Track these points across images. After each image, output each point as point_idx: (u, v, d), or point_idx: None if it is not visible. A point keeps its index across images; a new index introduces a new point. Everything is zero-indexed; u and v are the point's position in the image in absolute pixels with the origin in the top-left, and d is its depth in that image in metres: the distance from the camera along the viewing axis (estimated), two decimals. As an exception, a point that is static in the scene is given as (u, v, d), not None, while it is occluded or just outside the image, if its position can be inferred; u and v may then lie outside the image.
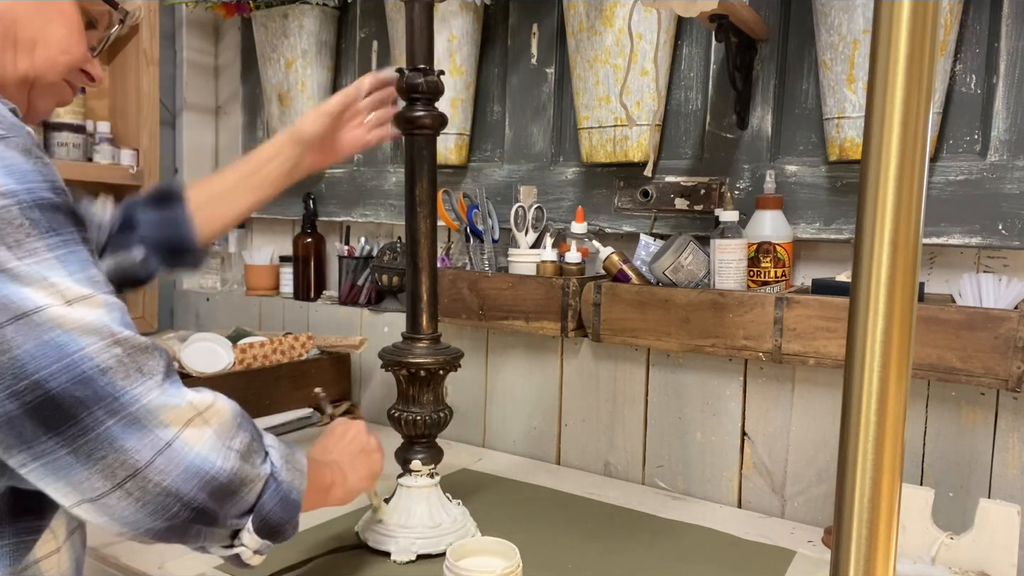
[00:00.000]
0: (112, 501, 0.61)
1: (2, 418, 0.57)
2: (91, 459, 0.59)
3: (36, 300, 0.58)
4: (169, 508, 0.63)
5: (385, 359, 1.14)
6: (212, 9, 1.93)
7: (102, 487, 0.60)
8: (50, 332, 0.58)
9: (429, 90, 1.09)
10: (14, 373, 0.57)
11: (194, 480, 0.64)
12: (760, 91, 1.38)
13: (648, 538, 1.21)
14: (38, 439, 0.58)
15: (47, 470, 0.59)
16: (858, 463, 0.45)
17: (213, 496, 0.65)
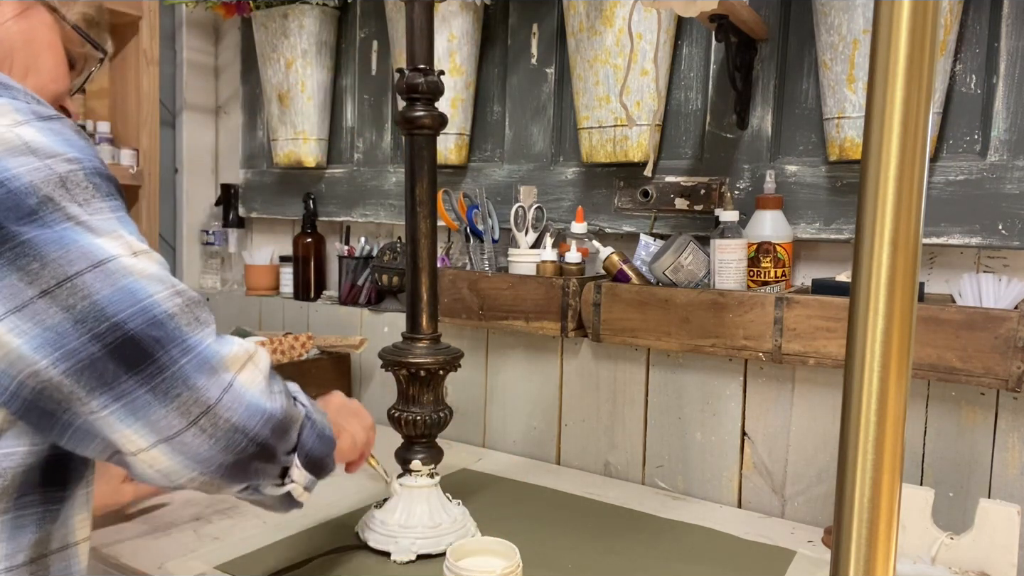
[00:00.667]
0: (188, 438, 0.66)
1: (86, 360, 0.62)
2: (168, 396, 0.64)
3: (109, 250, 0.64)
4: (238, 443, 0.68)
5: (385, 359, 1.14)
6: (212, 9, 1.93)
7: (179, 424, 0.65)
8: (124, 279, 0.63)
9: (429, 90, 1.09)
10: (95, 316, 0.62)
11: (256, 417, 0.70)
12: (760, 91, 1.38)
13: (648, 538, 1.21)
14: (119, 379, 0.63)
15: (127, 410, 0.63)
16: (858, 463, 0.45)
17: (273, 432, 0.72)
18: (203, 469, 0.68)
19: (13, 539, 0.69)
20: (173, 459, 0.66)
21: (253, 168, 2.15)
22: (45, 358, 0.61)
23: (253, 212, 2.15)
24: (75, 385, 0.62)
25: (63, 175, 0.64)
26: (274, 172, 2.09)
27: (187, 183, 2.21)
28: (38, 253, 0.61)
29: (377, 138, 1.91)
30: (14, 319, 0.61)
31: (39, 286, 0.61)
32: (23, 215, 0.61)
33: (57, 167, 0.64)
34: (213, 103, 2.26)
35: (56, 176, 0.63)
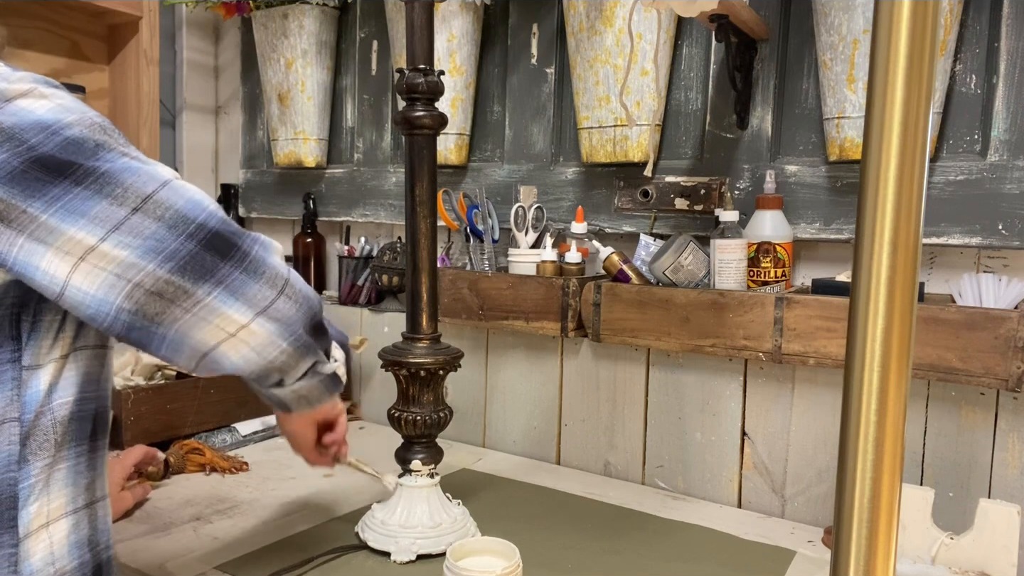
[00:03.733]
0: (280, 304, 0.77)
1: (187, 256, 0.71)
2: (257, 274, 0.75)
3: (164, 173, 0.74)
4: (312, 306, 0.81)
5: (385, 359, 1.14)
6: (212, 9, 1.93)
7: (271, 294, 0.76)
8: (188, 191, 0.74)
9: (429, 90, 1.09)
10: (183, 220, 0.71)
11: (311, 293, 0.81)
12: (760, 91, 1.38)
13: (648, 538, 1.21)
14: (217, 266, 0.73)
15: (228, 292, 0.73)
16: (858, 463, 0.45)
17: (319, 304, 0.83)
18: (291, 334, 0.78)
19: (76, 484, 0.78)
20: (269, 328, 0.76)
21: (253, 168, 2.15)
22: (151, 262, 0.70)
23: (253, 212, 2.15)
24: (182, 279, 0.71)
25: (100, 124, 0.72)
26: (274, 172, 2.09)
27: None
28: (118, 180, 0.70)
29: (377, 138, 1.91)
30: (117, 236, 0.69)
31: (129, 205, 0.70)
32: (89, 155, 0.69)
33: (94, 119, 0.72)
34: (213, 103, 2.26)
35: (97, 125, 0.72)
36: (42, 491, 0.75)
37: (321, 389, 0.90)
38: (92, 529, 0.80)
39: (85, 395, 0.78)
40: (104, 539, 0.82)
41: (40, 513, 0.75)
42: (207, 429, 1.56)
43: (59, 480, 0.76)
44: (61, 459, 0.77)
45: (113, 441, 1.40)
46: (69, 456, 0.77)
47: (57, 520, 0.76)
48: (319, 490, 1.37)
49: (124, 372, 1.49)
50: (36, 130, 0.68)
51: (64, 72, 1.94)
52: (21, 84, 0.70)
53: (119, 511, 1.21)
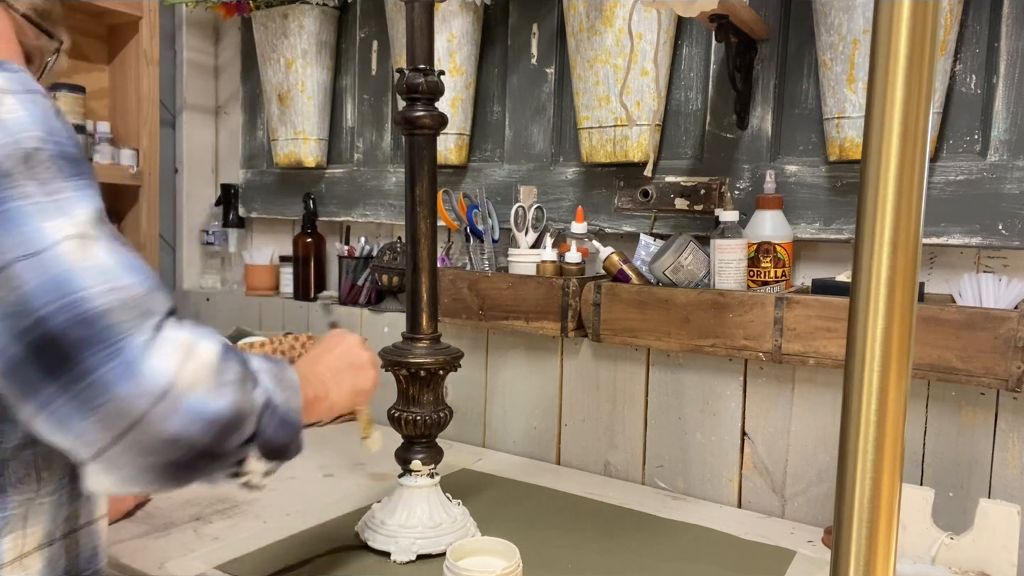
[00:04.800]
0: (115, 454, 0.59)
1: (9, 364, 0.58)
2: (89, 408, 0.57)
3: (52, 235, 0.59)
4: (175, 454, 0.61)
5: (385, 359, 1.14)
6: (212, 9, 1.93)
7: (103, 439, 0.58)
8: (57, 268, 0.58)
9: (429, 90, 1.09)
10: (21, 310, 0.57)
11: (197, 423, 0.61)
12: (760, 91, 1.38)
13: (648, 538, 1.21)
14: (41, 386, 0.58)
15: (53, 421, 0.59)
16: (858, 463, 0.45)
17: (216, 435, 0.63)
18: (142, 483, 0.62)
19: (55, 518, 0.73)
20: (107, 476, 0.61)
21: (253, 168, 2.15)
22: None
23: (253, 212, 2.15)
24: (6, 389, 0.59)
25: (29, 151, 0.61)
26: (274, 172, 2.09)
27: (187, 183, 2.21)
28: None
29: (377, 138, 1.91)
30: None
31: None
32: None
33: (26, 142, 0.61)
34: (213, 103, 2.26)
35: (21, 152, 0.61)
36: (18, 524, 0.70)
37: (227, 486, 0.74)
38: (71, 559, 0.76)
39: None
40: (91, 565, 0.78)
41: (14, 546, 0.70)
42: (207, 429, 1.56)
43: (38, 513, 0.72)
44: (42, 493, 0.72)
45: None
46: (50, 489, 0.72)
47: (31, 553, 0.71)
48: (319, 490, 1.37)
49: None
50: None
51: (64, 72, 1.94)
52: None
53: (119, 511, 1.21)
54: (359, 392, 0.92)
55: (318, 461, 1.50)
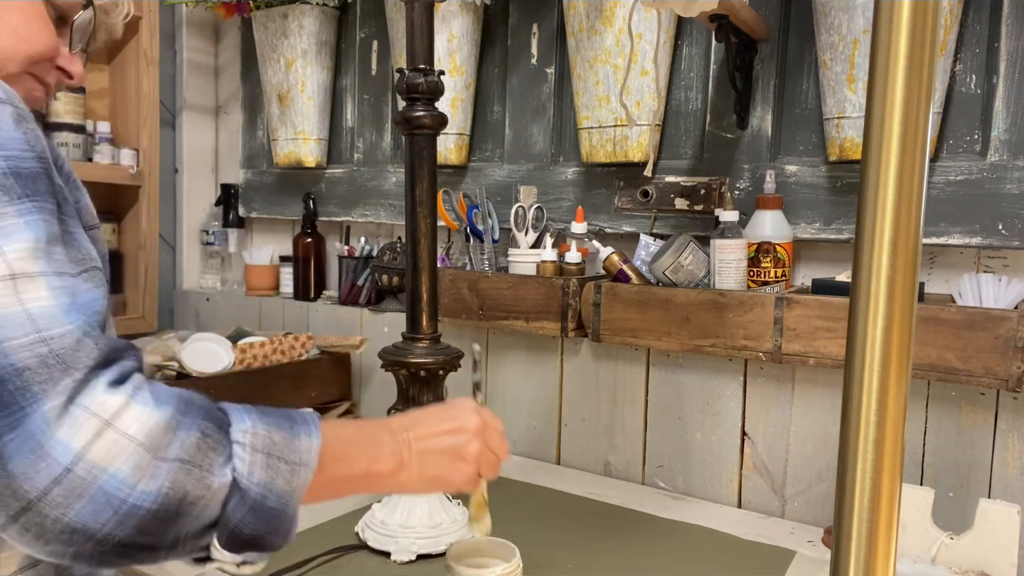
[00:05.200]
0: (13, 534, 0.51)
1: None
2: None
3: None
4: (79, 544, 0.51)
5: (385, 359, 1.14)
6: (212, 9, 1.93)
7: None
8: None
9: (429, 90, 1.09)
10: None
11: (106, 512, 0.51)
12: (760, 91, 1.38)
13: (648, 538, 1.21)
14: None
15: None
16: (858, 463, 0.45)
17: (138, 528, 0.52)
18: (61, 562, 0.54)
19: None
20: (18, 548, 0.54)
21: (253, 168, 2.15)
22: None
23: (253, 212, 2.15)
24: None
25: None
26: (274, 172, 2.09)
27: (187, 183, 2.21)
28: None
29: (377, 138, 1.91)
30: None
31: None
32: None
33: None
34: (213, 103, 2.26)
35: None
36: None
37: None
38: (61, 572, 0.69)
39: None
40: None
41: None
42: (207, 429, 1.56)
43: None
44: None
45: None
46: None
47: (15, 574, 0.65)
48: (319, 490, 1.37)
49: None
50: None
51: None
52: None
53: None
54: (443, 484, 0.77)
55: (318, 461, 1.50)
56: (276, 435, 0.60)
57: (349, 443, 0.67)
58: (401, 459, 0.71)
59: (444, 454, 0.75)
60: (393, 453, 0.71)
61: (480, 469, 0.77)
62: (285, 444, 0.60)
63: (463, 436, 0.76)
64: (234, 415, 0.60)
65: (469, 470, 0.76)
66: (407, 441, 0.73)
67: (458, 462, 0.75)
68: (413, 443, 0.73)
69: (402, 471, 0.71)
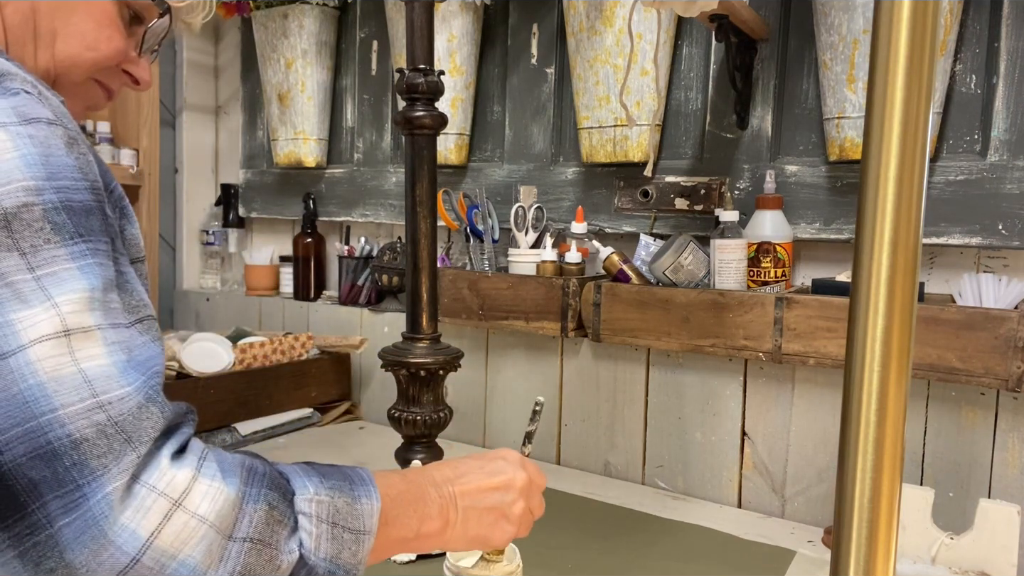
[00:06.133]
0: None
1: None
2: (39, 570, 0.45)
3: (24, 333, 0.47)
4: None
5: (385, 359, 1.14)
6: (212, 9, 1.93)
7: None
8: (25, 381, 0.46)
9: (429, 90, 1.09)
10: None
11: None
12: (760, 91, 1.38)
13: (648, 538, 1.21)
14: None
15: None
16: (858, 463, 0.45)
17: None
18: None
19: None
20: None
21: (253, 168, 2.15)
22: None
23: (253, 212, 2.15)
24: None
25: (11, 211, 0.49)
26: (274, 172, 2.09)
27: (187, 183, 2.21)
28: None
29: (377, 138, 1.91)
30: None
31: None
32: None
33: (9, 198, 0.49)
34: (213, 103, 2.26)
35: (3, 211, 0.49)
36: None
37: None
38: None
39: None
40: None
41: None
42: (207, 429, 1.56)
43: None
44: None
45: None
46: None
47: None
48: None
49: (124, 372, 1.48)
50: None
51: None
52: None
53: None
54: (484, 543, 0.74)
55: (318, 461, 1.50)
56: (339, 501, 0.57)
57: (401, 503, 0.63)
58: (447, 518, 0.68)
59: (490, 512, 0.71)
60: (441, 511, 0.68)
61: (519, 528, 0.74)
62: (348, 511, 0.58)
63: (510, 495, 0.73)
64: (296, 481, 0.56)
65: (512, 530, 0.73)
66: (452, 496, 0.69)
67: (502, 522, 0.72)
68: (459, 499, 0.69)
69: (447, 529, 0.68)
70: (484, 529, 0.71)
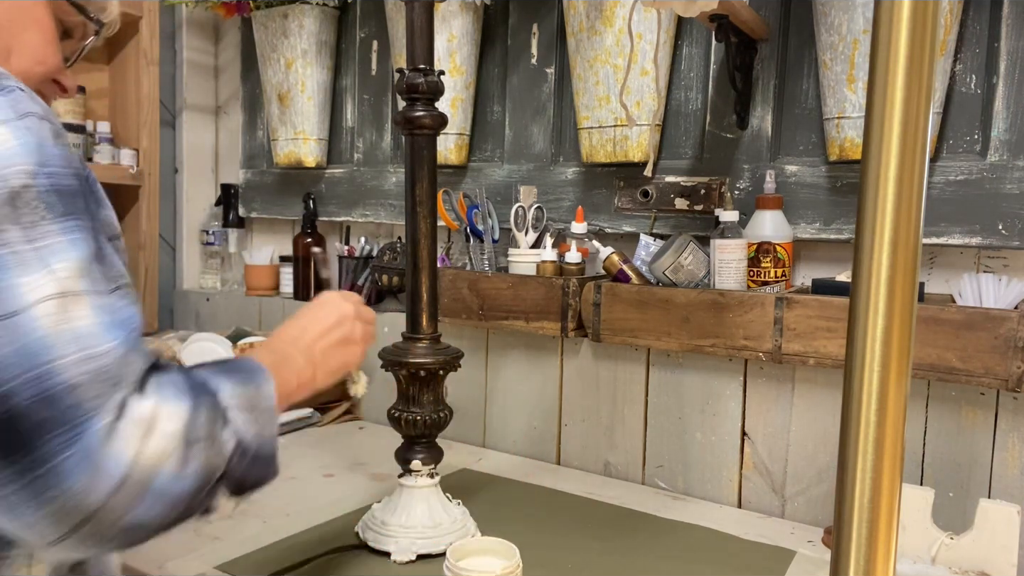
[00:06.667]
0: (70, 545, 0.55)
1: None
2: (41, 500, 0.53)
3: (27, 294, 0.54)
4: (134, 537, 0.58)
5: (385, 359, 1.14)
6: (212, 9, 1.93)
7: (54, 533, 0.54)
8: (30, 335, 0.54)
9: (429, 90, 1.09)
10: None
11: (159, 504, 0.57)
12: (760, 91, 1.38)
13: (648, 538, 1.21)
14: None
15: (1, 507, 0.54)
16: (858, 463, 0.45)
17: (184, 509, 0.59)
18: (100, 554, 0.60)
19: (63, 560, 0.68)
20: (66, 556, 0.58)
21: (253, 168, 2.15)
22: None
23: (253, 212, 2.15)
24: None
25: (16, 190, 0.56)
26: (274, 172, 2.09)
27: (187, 183, 2.21)
28: None
29: (377, 138, 1.91)
30: None
31: None
32: None
33: (13, 179, 0.56)
34: (213, 103, 2.26)
35: (7, 192, 0.56)
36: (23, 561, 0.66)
37: None
38: None
39: None
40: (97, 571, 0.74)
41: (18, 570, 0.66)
42: (207, 429, 1.56)
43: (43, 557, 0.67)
44: None
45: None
46: None
47: None
48: (319, 490, 1.37)
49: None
50: None
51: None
52: None
53: None
54: (345, 368, 0.90)
55: (318, 461, 1.51)
56: (249, 390, 0.67)
57: (279, 370, 0.75)
58: (314, 363, 0.83)
59: (339, 345, 0.87)
60: (307, 361, 0.82)
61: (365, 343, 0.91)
62: (257, 395, 0.68)
63: (347, 324, 0.88)
64: (212, 382, 0.65)
65: (360, 349, 0.91)
66: (309, 347, 0.83)
67: (351, 346, 0.89)
68: (314, 347, 0.84)
69: (316, 372, 0.83)
70: (341, 359, 0.87)
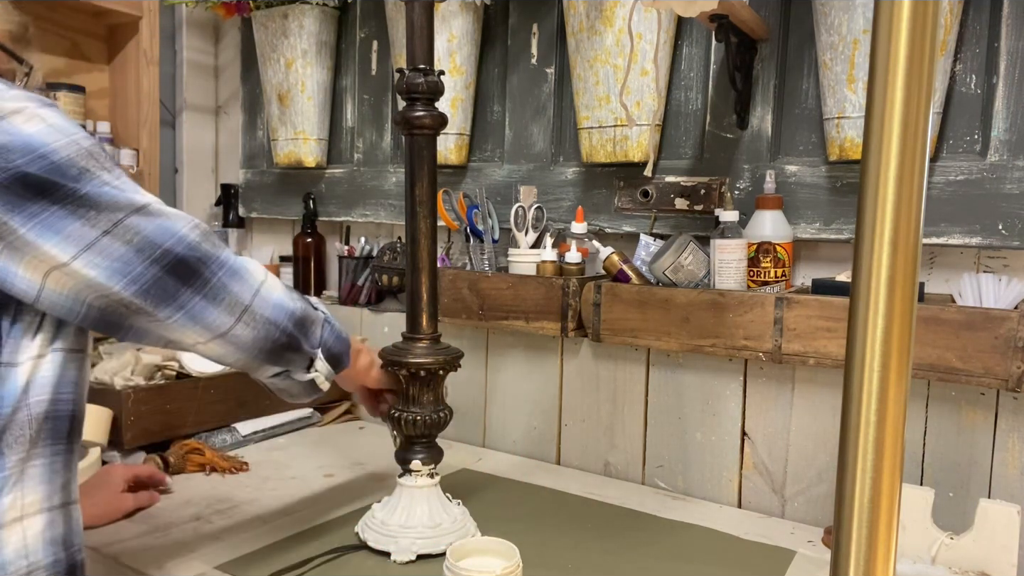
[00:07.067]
0: (237, 331, 0.85)
1: (150, 280, 0.78)
2: (216, 300, 0.82)
3: (140, 200, 0.79)
4: (272, 333, 0.88)
5: (385, 359, 1.14)
6: (212, 9, 1.93)
7: (228, 322, 0.84)
8: (159, 218, 0.79)
9: (429, 90, 1.09)
10: (150, 246, 0.78)
11: (282, 313, 0.89)
12: (760, 91, 1.38)
13: (648, 538, 1.21)
14: (178, 292, 0.80)
15: (187, 316, 0.81)
16: (858, 463, 0.45)
17: (296, 326, 0.91)
18: (248, 354, 0.88)
19: (51, 482, 0.81)
20: (226, 348, 0.86)
21: (253, 168, 2.15)
22: (118, 283, 0.76)
23: (253, 212, 2.15)
24: (144, 302, 0.78)
25: (88, 149, 0.76)
26: (274, 172, 2.09)
27: (187, 183, 2.21)
28: (93, 203, 0.75)
29: (377, 138, 1.91)
30: (87, 256, 0.74)
31: (101, 228, 0.75)
32: (71, 178, 0.74)
33: (81, 143, 0.76)
34: (213, 103, 2.26)
35: (84, 150, 0.76)
36: (16, 484, 0.77)
37: (298, 389, 0.99)
38: (67, 529, 0.83)
39: (61, 395, 0.81)
40: (78, 540, 0.84)
41: (14, 506, 0.77)
42: (207, 429, 1.56)
43: (34, 476, 0.79)
44: (35, 455, 0.79)
45: (113, 441, 1.41)
46: (44, 453, 0.80)
47: (32, 515, 0.79)
48: (319, 490, 1.37)
49: (124, 372, 1.48)
50: (24, 150, 0.72)
51: (64, 72, 1.94)
52: (14, 103, 0.73)
53: (119, 511, 1.21)
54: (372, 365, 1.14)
55: (318, 461, 1.51)
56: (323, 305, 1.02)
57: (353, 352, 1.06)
58: (372, 358, 1.13)
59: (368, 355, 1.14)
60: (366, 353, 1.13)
61: None
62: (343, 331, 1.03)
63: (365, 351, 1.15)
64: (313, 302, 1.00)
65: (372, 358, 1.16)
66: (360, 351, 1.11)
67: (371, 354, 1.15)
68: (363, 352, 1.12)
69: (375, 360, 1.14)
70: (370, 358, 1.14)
